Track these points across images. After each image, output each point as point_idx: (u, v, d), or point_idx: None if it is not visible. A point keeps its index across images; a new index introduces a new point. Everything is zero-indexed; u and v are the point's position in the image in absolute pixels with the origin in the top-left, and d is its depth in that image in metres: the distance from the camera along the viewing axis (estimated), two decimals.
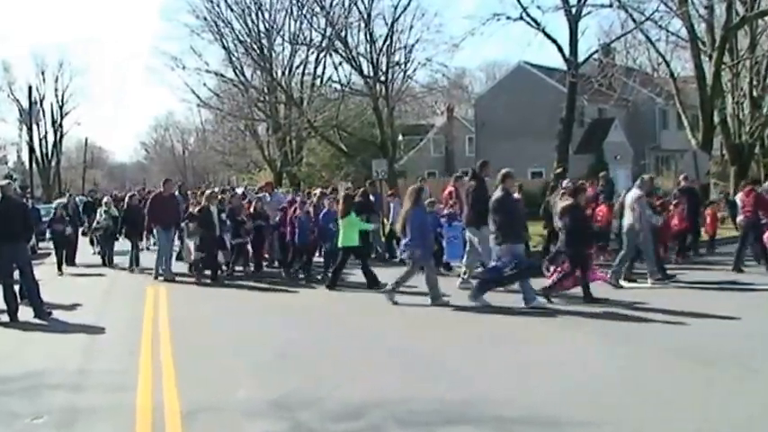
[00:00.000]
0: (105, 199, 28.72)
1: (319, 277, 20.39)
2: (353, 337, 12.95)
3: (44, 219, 28.32)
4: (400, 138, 60.64)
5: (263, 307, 17.02)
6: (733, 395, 8.79)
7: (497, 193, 15.34)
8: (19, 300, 16.02)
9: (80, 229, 28.34)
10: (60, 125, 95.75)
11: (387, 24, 38.74)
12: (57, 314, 15.97)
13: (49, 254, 27.85)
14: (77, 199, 33.33)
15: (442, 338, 12.61)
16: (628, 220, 17.59)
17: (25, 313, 15.78)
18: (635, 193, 17.83)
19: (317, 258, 21.60)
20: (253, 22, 49.00)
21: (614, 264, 17.53)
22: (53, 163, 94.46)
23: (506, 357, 11.08)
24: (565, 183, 21.52)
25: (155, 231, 23.26)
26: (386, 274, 18.05)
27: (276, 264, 23.05)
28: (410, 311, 15.51)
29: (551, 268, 16.71)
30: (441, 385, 9.62)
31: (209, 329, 14.28)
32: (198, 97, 55.46)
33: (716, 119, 33.86)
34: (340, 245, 18.59)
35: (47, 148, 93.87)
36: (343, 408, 8.78)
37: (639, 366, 10.21)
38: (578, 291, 15.20)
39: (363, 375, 10.29)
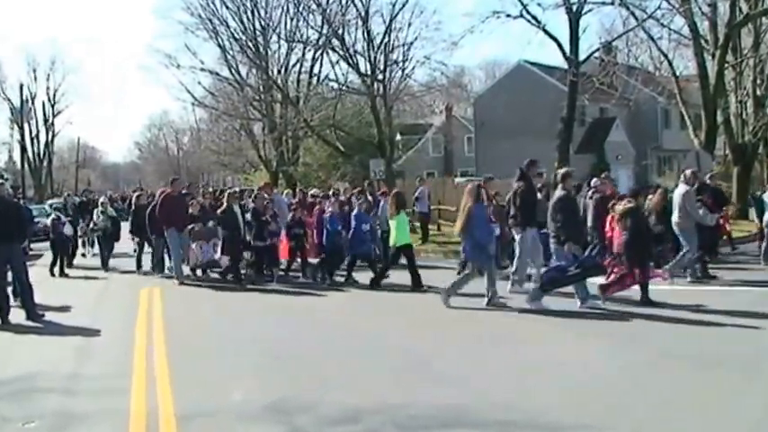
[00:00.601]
0: (102, 199, 28.58)
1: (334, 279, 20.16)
2: (353, 339, 12.94)
3: (36, 219, 28.14)
4: (398, 137, 60.57)
5: (262, 308, 17.02)
6: (736, 397, 8.79)
7: (559, 193, 15.17)
8: (12, 301, 16.03)
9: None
10: (52, 124, 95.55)
11: (384, 22, 38.74)
12: (50, 316, 15.96)
13: (40, 255, 27.82)
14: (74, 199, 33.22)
15: (442, 340, 12.64)
16: (675, 217, 17.63)
17: (17, 315, 15.79)
18: (682, 188, 17.84)
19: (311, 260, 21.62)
20: (248, 19, 49.01)
21: (673, 263, 17.56)
22: (45, 163, 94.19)
23: (507, 359, 11.08)
24: (593, 181, 21.50)
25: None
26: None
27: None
28: (412, 312, 15.56)
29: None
30: (440, 388, 9.61)
31: (204, 331, 14.30)
32: (192, 96, 55.48)
33: (719, 118, 33.86)
34: (394, 244, 18.50)
35: (38, 147, 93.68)
36: (341, 411, 8.78)
37: (641, 368, 10.19)
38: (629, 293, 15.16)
39: (362, 378, 10.29)
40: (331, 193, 24.82)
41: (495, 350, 11.73)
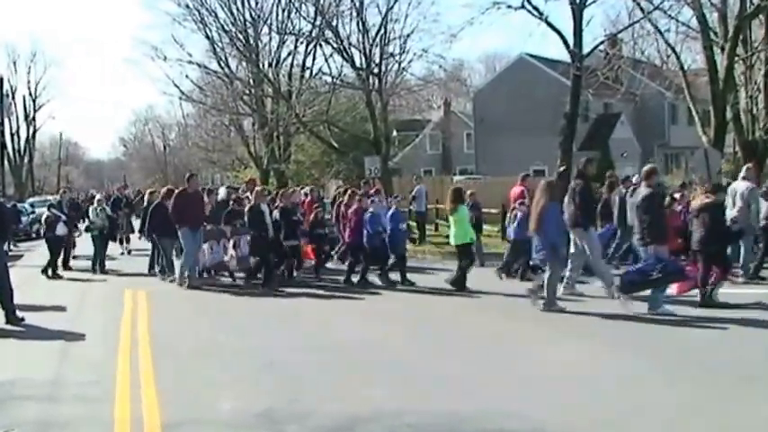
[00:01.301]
0: (98, 196, 28.42)
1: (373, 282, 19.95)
2: (347, 345, 12.90)
3: (28, 217, 27.89)
4: (394, 133, 60.60)
5: (253, 312, 17.01)
6: (743, 406, 8.80)
7: (644, 191, 14.86)
8: None
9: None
10: (33, 119, 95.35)
11: (380, 13, 38.60)
12: (30, 319, 15.86)
13: (21, 255, 27.77)
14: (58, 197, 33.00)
15: (440, 346, 12.64)
16: (734, 213, 17.66)
17: None
18: (746, 184, 17.88)
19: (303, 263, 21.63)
20: (238, 10, 48.83)
21: (742, 263, 17.68)
22: (26, 160, 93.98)
23: (509, 367, 11.08)
24: (635, 178, 21.68)
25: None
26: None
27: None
28: (409, 318, 15.56)
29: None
30: (438, 397, 9.61)
31: (192, 335, 14.26)
32: (180, 90, 55.27)
33: (728, 114, 33.81)
34: (455, 242, 18.47)
35: (19, 144, 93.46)
36: (335, 421, 8.76)
37: (647, 377, 10.20)
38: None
39: (357, 386, 10.26)
40: (343, 191, 24.55)
41: (498, 358, 11.71)
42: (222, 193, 24.62)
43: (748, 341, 12.15)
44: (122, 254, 29.16)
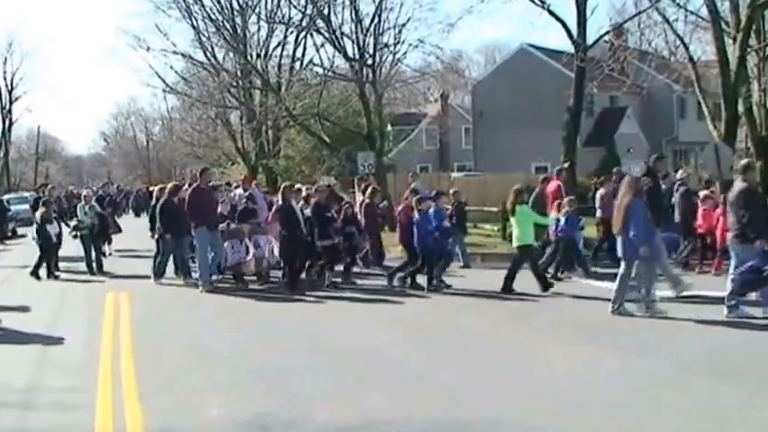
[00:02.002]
0: (85, 192, 27.94)
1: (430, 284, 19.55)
2: (341, 351, 12.89)
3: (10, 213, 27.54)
4: (389, 128, 60.45)
5: (245, 315, 17.03)
6: (754, 411, 8.81)
7: (740, 185, 14.63)
8: None
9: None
10: (9, 112, 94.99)
11: (374, 1, 38.47)
12: (6, 322, 15.85)
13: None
14: (29, 195, 32.82)
15: (438, 352, 12.65)
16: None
17: None
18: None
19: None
20: None
21: None
22: (1, 154, 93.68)
23: (509, 372, 11.10)
24: (679, 174, 21.88)
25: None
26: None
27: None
28: (408, 322, 15.56)
29: None
30: (436, 404, 9.61)
31: (177, 339, 14.25)
32: (164, 81, 55.22)
33: (740, 108, 33.82)
34: (517, 244, 18.41)
35: None
36: (327, 429, 8.76)
37: (655, 382, 10.21)
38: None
39: (350, 393, 10.26)
40: (363, 189, 24.23)
41: (498, 364, 11.73)
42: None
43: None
44: (107, 255, 28.69)
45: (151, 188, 76.27)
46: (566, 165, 28.94)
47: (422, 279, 19.17)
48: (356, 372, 11.41)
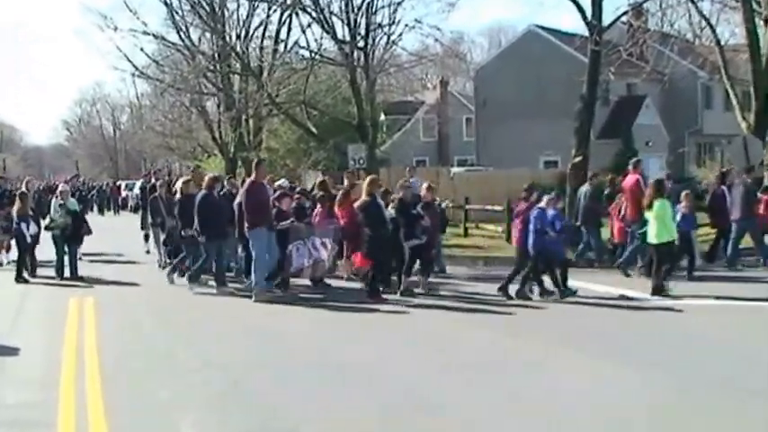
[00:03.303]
0: (61, 187, 27.19)
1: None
2: (327, 365, 12.93)
3: None
4: (382, 117, 60.53)
5: (221, 325, 17.02)
6: None
7: None
8: None
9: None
10: None
11: None
12: None
13: None
14: None
15: (432, 366, 12.68)
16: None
17: None
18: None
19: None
20: None
21: None
22: None
23: (507, 389, 11.14)
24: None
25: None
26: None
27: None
28: (406, 333, 15.58)
29: None
30: (426, 422, 9.63)
31: (147, 351, 14.27)
32: (133, 65, 54.89)
33: None
34: (656, 241, 18.53)
35: None
36: None
37: (683, 404, 10.24)
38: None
39: (337, 411, 10.29)
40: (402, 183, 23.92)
41: (495, 379, 11.81)
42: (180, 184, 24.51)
43: None
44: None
45: (118, 182, 76.12)
46: (577, 159, 28.99)
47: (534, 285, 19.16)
48: (345, 388, 11.43)
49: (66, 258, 24.11)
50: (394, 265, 19.94)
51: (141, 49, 53.25)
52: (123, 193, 71.18)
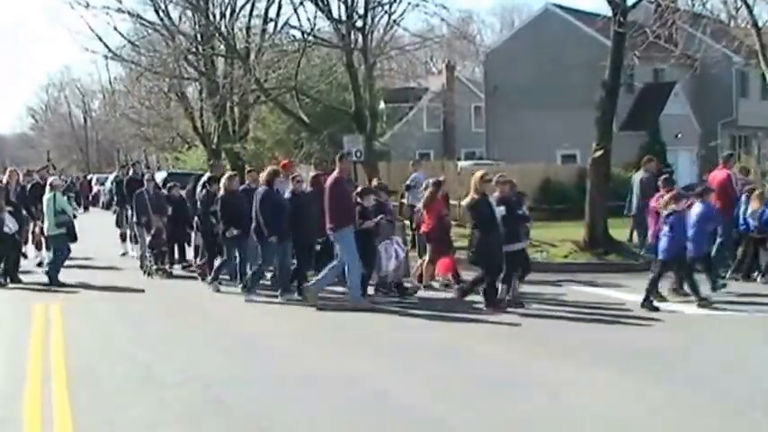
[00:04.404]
0: (52, 180, 26.52)
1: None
2: (319, 379, 12.96)
3: None
4: (382, 106, 60.39)
5: (201, 335, 17.05)
6: None
7: None
8: None
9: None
10: None
11: None
12: None
13: None
14: None
15: (431, 382, 12.72)
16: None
17: None
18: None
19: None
20: None
21: None
22: None
23: (508, 406, 11.21)
24: None
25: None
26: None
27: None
28: (408, 345, 15.61)
29: None
30: None
31: (120, 363, 14.25)
32: (106, 46, 54.89)
33: None
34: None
35: None
36: None
37: (674, 415, 10.29)
38: None
39: (329, 430, 10.31)
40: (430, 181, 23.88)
41: (496, 395, 11.91)
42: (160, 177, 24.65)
43: None
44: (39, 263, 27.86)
45: (89, 176, 75.95)
46: (598, 153, 28.99)
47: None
48: (336, 405, 11.46)
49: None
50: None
51: (115, 29, 53.25)
52: (94, 189, 70.87)
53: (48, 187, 25.08)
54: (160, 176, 40.79)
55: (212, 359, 14.51)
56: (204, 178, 25.12)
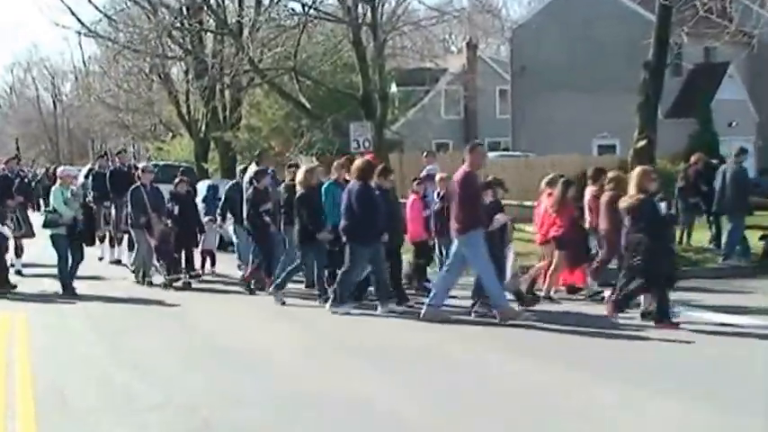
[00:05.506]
0: (61, 170, 26.61)
1: None
2: (323, 399, 12.93)
3: None
4: (394, 89, 60.46)
5: (187, 348, 17.19)
6: None
7: None
8: None
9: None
10: None
11: None
12: None
13: None
14: None
15: (438, 401, 12.79)
16: None
17: None
18: None
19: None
20: None
21: None
22: None
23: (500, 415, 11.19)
24: None
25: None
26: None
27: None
28: (427, 359, 15.63)
29: None
30: None
31: (93, 382, 14.31)
32: (79, 21, 55.10)
33: None
34: None
35: None
36: None
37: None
38: None
39: None
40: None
41: (504, 409, 11.90)
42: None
43: None
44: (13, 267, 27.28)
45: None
46: (640, 143, 28.97)
47: None
48: (336, 429, 11.46)
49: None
50: None
51: (89, 1, 53.45)
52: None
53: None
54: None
55: (199, 378, 14.53)
56: (250, 172, 25.02)
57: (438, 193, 22.42)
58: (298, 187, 21.75)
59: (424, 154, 31.63)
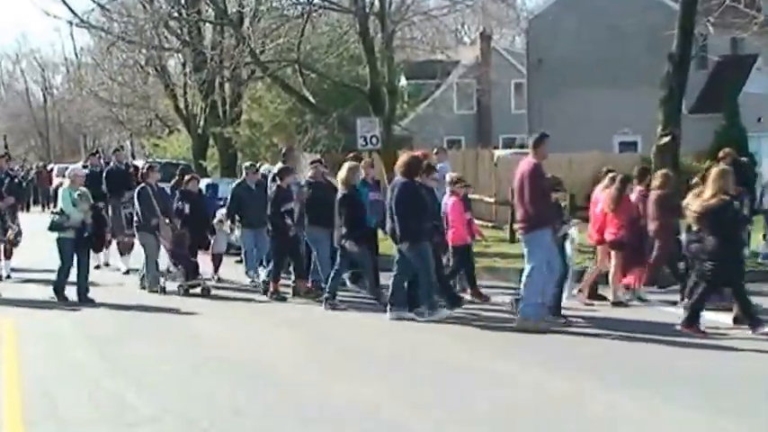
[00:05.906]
0: (71, 170, 25.51)
1: None
2: (332, 411, 12.91)
3: None
4: (403, 82, 60.47)
5: (193, 359, 17.01)
6: None
7: None
8: None
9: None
10: None
11: None
12: None
13: None
14: None
15: (446, 409, 12.78)
16: None
17: None
18: None
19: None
20: None
21: None
22: None
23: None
24: None
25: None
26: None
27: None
28: (433, 369, 15.61)
29: None
30: None
31: (86, 393, 14.24)
32: (71, 10, 55.17)
33: None
34: None
35: None
36: None
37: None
38: None
39: None
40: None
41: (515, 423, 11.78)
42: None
43: None
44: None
45: (50, 166, 76.18)
46: (664, 140, 28.93)
47: None
48: None
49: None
50: None
51: None
52: (56, 181, 70.64)
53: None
54: None
55: (198, 387, 14.51)
56: (274, 170, 24.94)
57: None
58: (340, 187, 21.51)
59: (435, 151, 31.64)
